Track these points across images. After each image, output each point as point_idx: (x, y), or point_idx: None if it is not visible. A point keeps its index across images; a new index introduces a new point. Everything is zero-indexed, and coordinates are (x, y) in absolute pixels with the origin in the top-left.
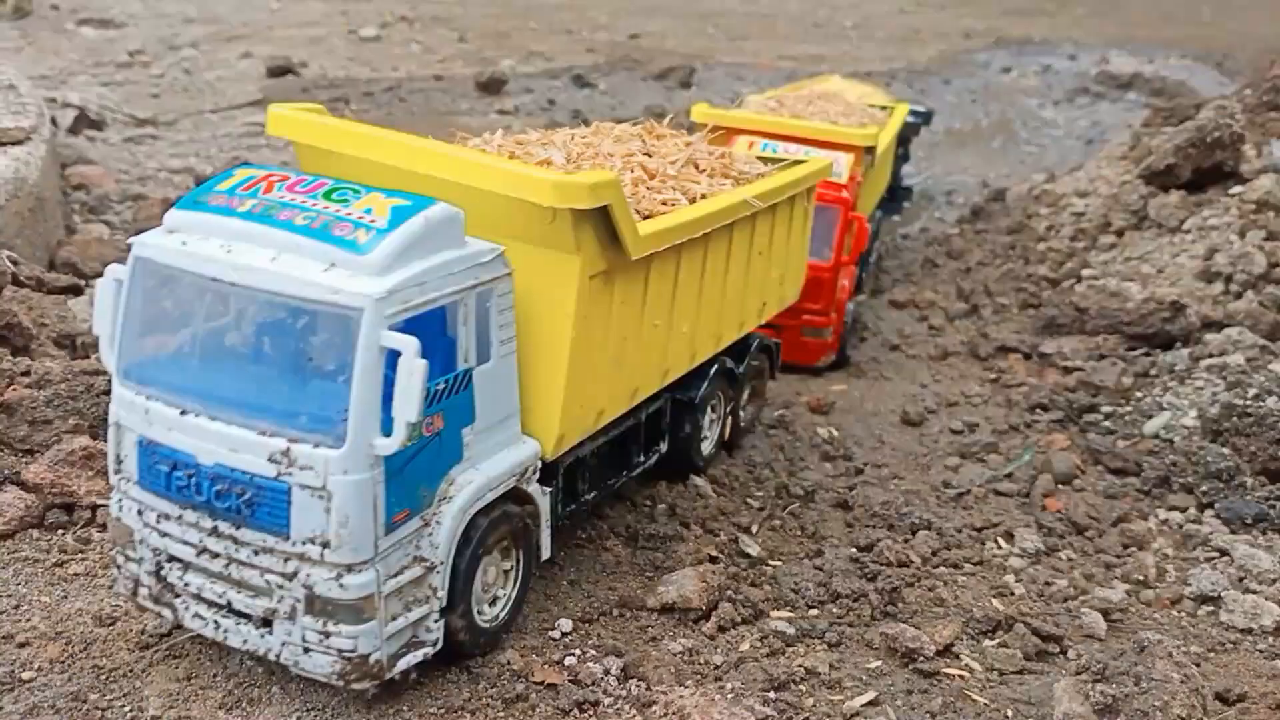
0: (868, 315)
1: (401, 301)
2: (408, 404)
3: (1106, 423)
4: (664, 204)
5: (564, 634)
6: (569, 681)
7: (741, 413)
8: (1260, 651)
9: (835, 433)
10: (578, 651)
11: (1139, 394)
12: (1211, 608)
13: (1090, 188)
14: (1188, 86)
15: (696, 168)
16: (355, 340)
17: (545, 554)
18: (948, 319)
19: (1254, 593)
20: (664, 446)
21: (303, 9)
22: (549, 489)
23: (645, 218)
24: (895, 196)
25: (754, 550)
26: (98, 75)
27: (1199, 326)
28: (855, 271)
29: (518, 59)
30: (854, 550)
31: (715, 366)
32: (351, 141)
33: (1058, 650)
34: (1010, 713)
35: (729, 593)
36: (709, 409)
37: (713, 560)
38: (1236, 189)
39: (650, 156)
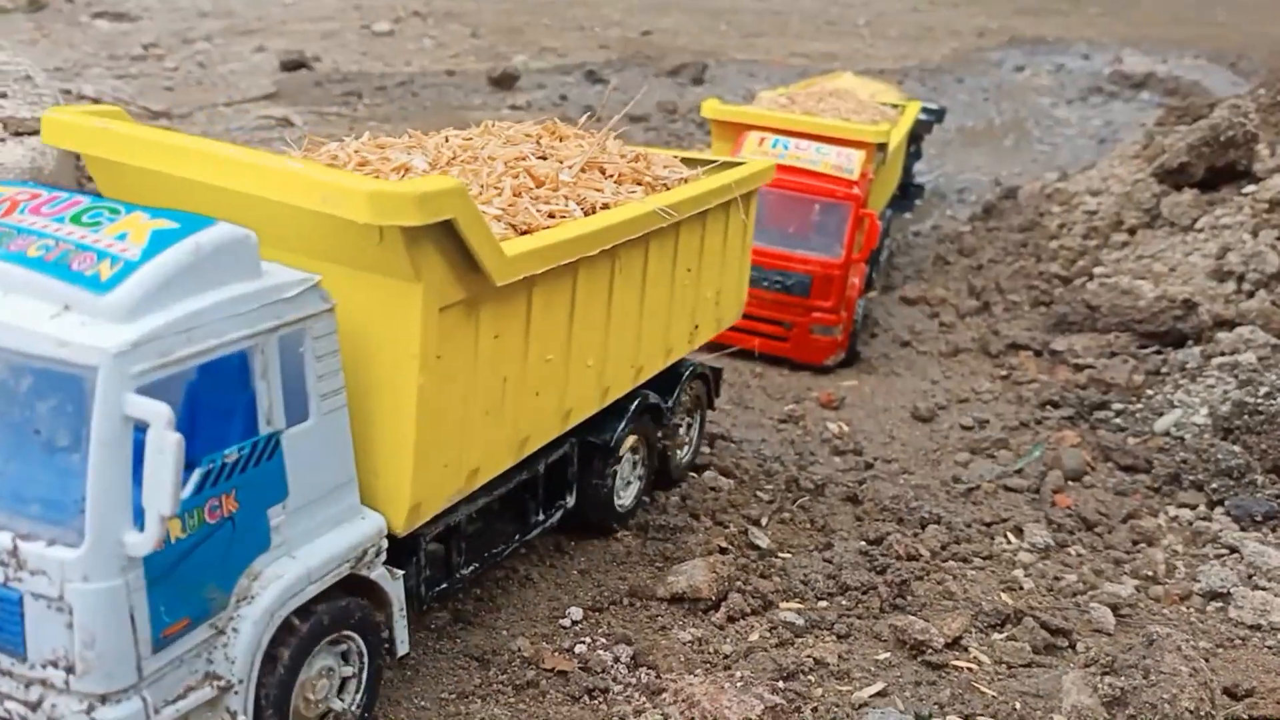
0: (879, 311)
1: (156, 355)
2: (159, 492)
3: (1117, 420)
4: (551, 216)
5: (574, 622)
6: (579, 669)
7: (677, 453)
8: (1269, 648)
9: (845, 428)
10: (588, 639)
11: (1150, 391)
12: (1220, 604)
13: (1103, 186)
14: (1201, 86)
15: (602, 173)
16: (89, 408)
17: (402, 649)
18: (959, 316)
19: (1263, 589)
20: (571, 500)
21: (316, 4)
22: (404, 571)
23: (524, 233)
24: (907, 194)
25: (764, 542)
26: (112, 68)
27: (1211, 325)
28: (865, 269)
29: (530, 55)
30: (863, 543)
31: (636, 402)
32: (137, 150)
33: (1066, 644)
34: (1019, 705)
35: (739, 584)
36: (628, 453)
37: (722, 551)
38: (1250, 188)
39: (545, 160)
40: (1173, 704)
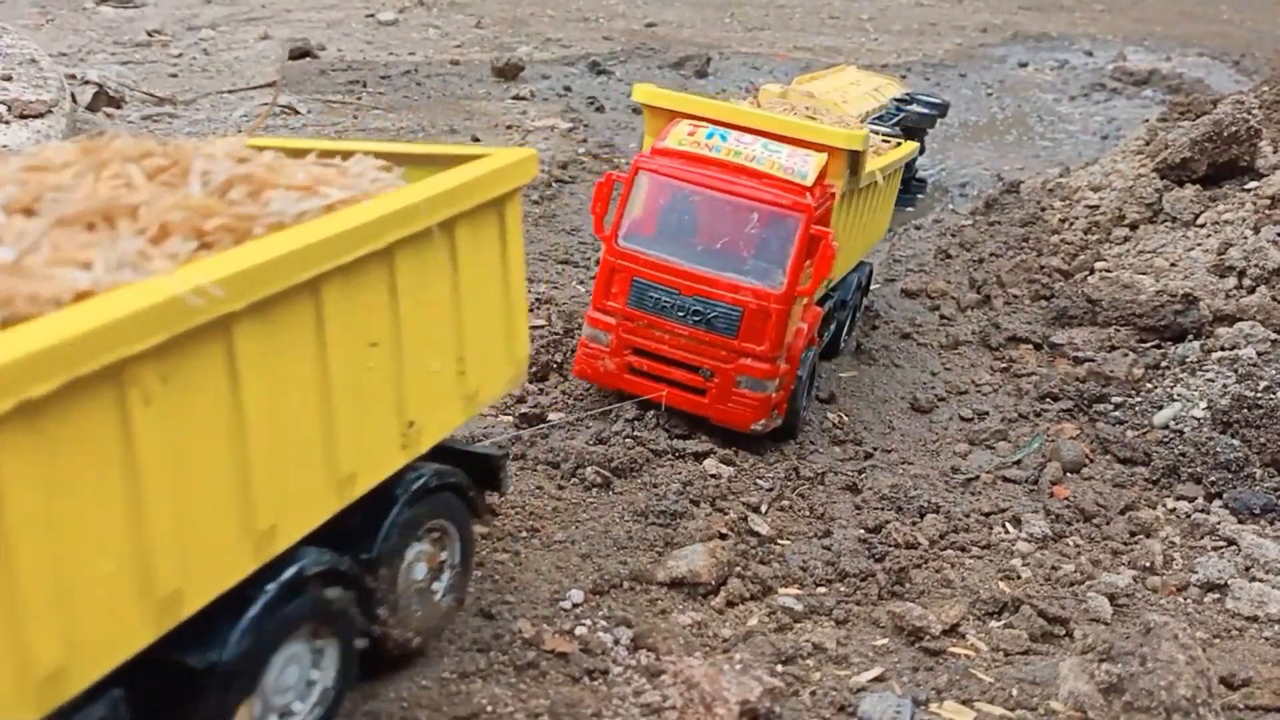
0: (879, 304)
1: None
2: None
3: (1116, 413)
4: None
5: (575, 605)
6: (580, 650)
7: (395, 632)
8: (1266, 639)
9: (845, 418)
10: (588, 622)
11: (1149, 385)
12: (1217, 595)
13: (1105, 181)
14: (1205, 84)
15: (115, 221)
16: None
17: None
18: (959, 309)
19: (1260, 581)
20: None
21: None
22: None
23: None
24: (909, 188)
25: (763, 529)
26: (116, 54)
27: (1211, 320)
28: (820, 313)
29: (535, 45)
30: (862, 531)
31: (304, 566)
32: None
33: (1063, 633)
34: (1015, 691)
35: (738, 569)
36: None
37: (722, 537)
38: (1252, 184)
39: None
40: (1169, 691)
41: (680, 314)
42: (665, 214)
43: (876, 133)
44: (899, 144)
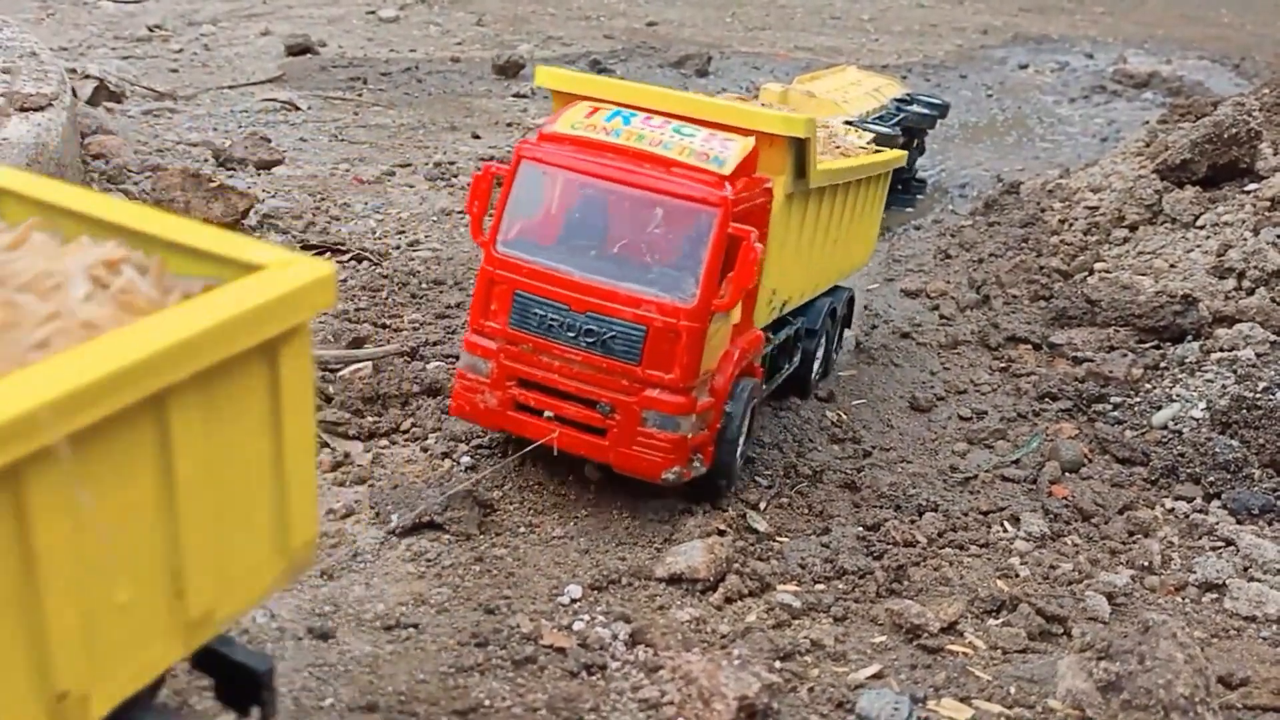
0: (879, 303)
1: None
2: None
3: (1115, 413)
4: None
5: (573, 600)
6: (578, 645)
7: None
8: (1264, 639)
9: (844, 416)
10: (586, 617)
11: (1148, 385)
12: (1216, 595)
13: (1105, 183)
14: (1205, 86)
15: None
16: None
17: None
18: (959, 309)
19: (1259, 581)
20: None
21: None
22: None
23: None
24: (909, 188)
25: (762, 526)
26: (117, 49)
27: (1210, 321)
28: (762, 337)
29: (535, 43)
30: (861, 529)
31: None
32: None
33: (1061, 631)
34: (1013, 689)
35: (736, 566)
36: None
37: (720, 534)
38: (1252, 186)
39: None
40: (1168, 689)
41: (571, 335)
42: (552, 213)
43: (857, 126)
44: (883, 150)
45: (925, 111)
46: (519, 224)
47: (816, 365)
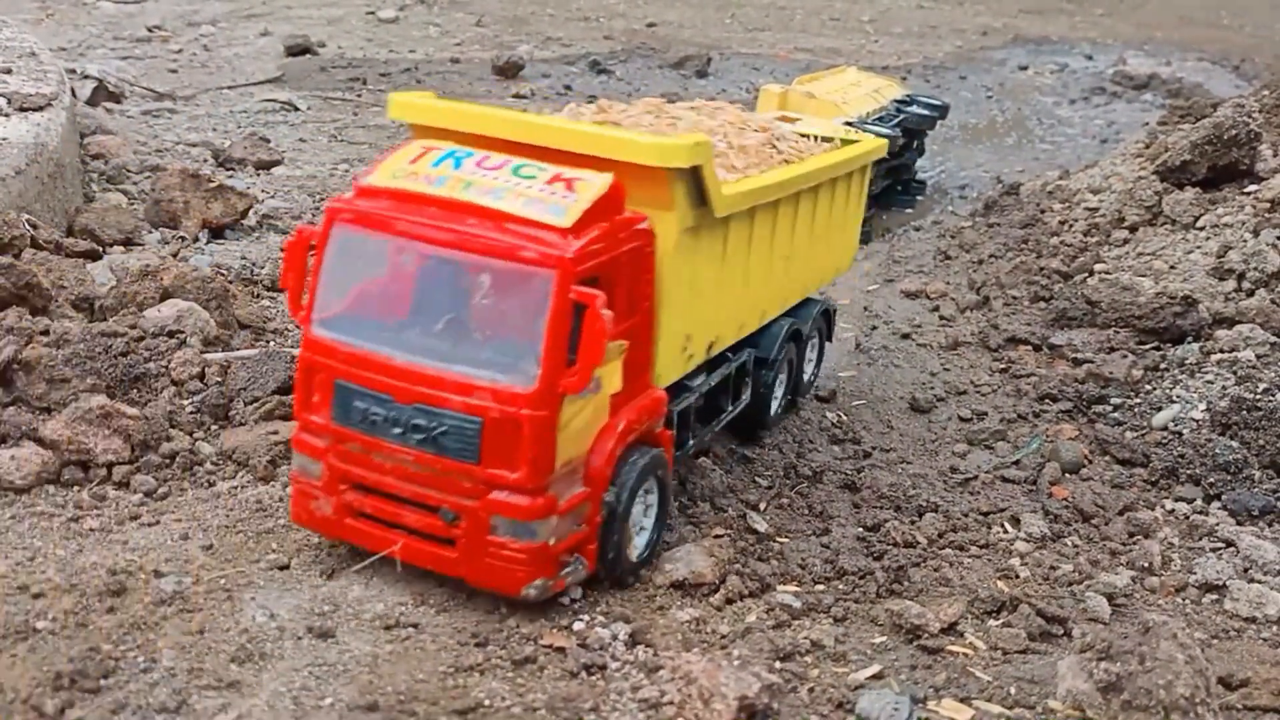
0: (879, 304)
1: None
2: None
3: (1115, 414)
4: None
5: (573, 600)
6: (577, 645)
7: None
8: (1264, 640)
9: (844, 417)
10: (586, 617)
11: (1148, 386)
12: (1216, 596)
13: (1105, 184)
14: (1204, 88)
15: None
16: None
17: None
18: (959, 310)
19: (1259, 582)
20: None
21: None
22: None
23: None
24: (909, 190)
25: (762, 526)
26: (116, 49)
27: (1210, 322)
28: (663, 399)
29: (535, 44)
30: (861, 530)
31: None
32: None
33: (1062, 632)
34: (1014, 689)
35: (737, 566)
36: None
37: (716, 537)
38: (1252, 187)
39: None
40: (1168, 690)
41: (399, 431)
42: (370, 284)
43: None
44: (856, 142)
45: (925, 113)
46: (334, 299)
47: (778, 397)
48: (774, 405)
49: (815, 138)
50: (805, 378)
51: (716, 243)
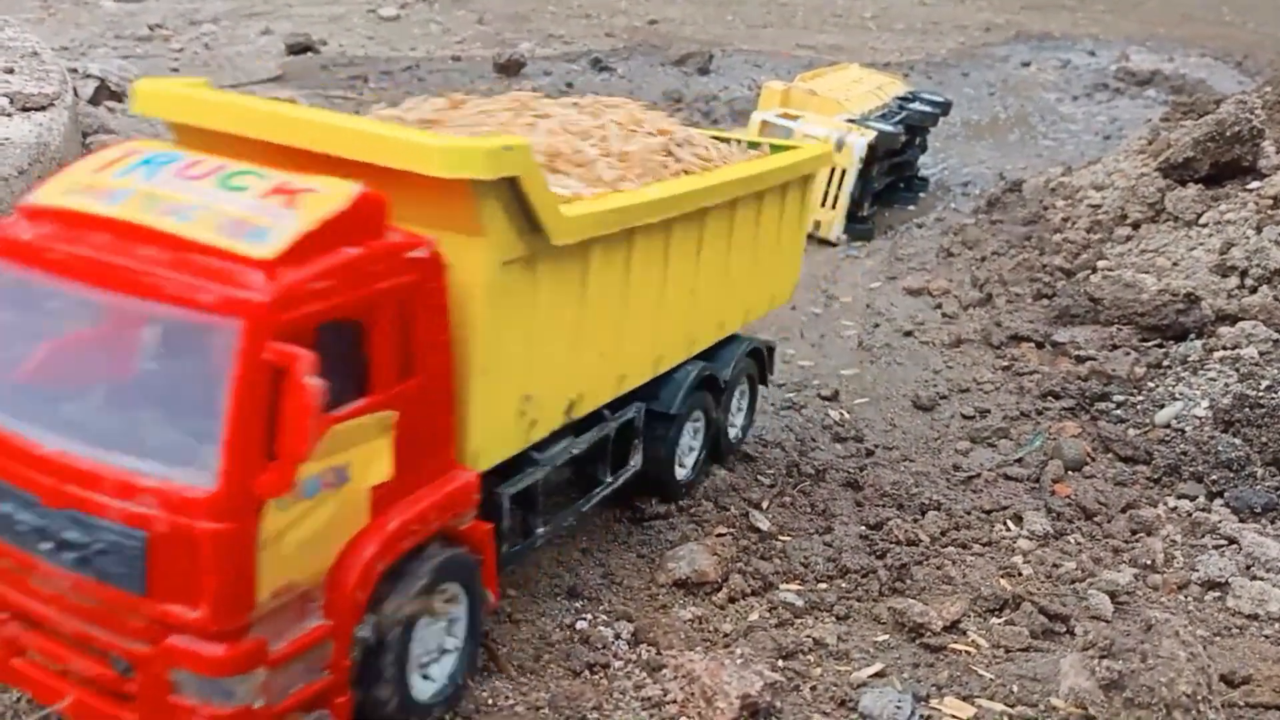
0: (881, 302)
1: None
2: None
3: (1118, 411)
4: None
5: (575, 599)
6: (580, 644)
7: None
8: (1266, 637)
9: (846, 415)
10: (589, 616)
11: (1151, 384)
12: (1218, 594)
13: (1107, 181)
14: (1207, 84)
15: None
16: None
17: None
18: (961, 307)
19: (1261, 580)
20: None
21: None
22: None
23: None
24: (911, 186)
25: (764, 525)
26: (118, 48)
27: (1213, 319)
28: (474, 482)
29: (536, 42)
30: (863, 528)
31: None
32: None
33: (1064, 630)
34: (1016, 687)
35: (739, 565)
36: None
37: (718, 536)
38: (1254, 184)
39: None
40: (1170, 688)
41: (49, 546)
42: (15, 338)
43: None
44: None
45: (927, 109)
46: None
47: (687, 461)
48: (681, 469)
49: (739, 143)
50: (732, 433)
51: (569, 277)
